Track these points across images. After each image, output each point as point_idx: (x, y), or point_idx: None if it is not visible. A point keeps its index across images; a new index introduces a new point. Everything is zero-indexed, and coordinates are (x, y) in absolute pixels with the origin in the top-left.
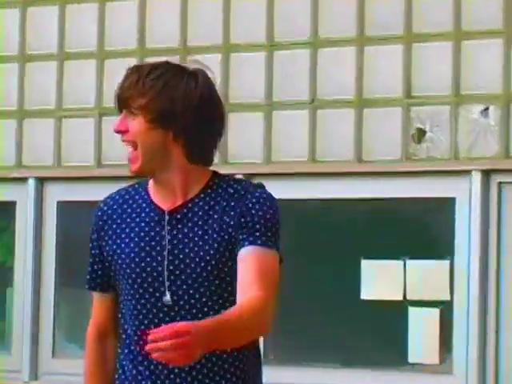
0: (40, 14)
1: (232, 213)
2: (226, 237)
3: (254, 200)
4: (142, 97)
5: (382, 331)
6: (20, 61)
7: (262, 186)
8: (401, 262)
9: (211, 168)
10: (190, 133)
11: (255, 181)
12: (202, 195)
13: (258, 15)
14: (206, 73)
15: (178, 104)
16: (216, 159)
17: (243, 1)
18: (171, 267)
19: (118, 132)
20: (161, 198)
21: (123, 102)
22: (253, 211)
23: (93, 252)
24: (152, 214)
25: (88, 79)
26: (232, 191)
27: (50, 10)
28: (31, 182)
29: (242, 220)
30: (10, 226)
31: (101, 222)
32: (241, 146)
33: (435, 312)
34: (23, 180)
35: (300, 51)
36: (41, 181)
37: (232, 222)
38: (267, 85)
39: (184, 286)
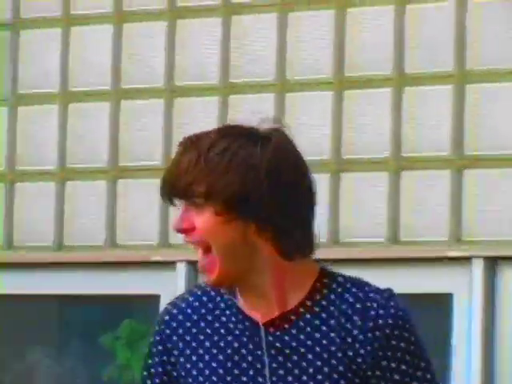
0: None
1: (361, 337)
2: (354, 367)
3: (389, 327)
4: (206, 180)
5: None
6: (168, 97)
7: (391, 293)
8: None
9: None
10: (279, 219)
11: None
12: (309, 303)
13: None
14: (284, 132)
15: (256, 183)
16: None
17: (422, 23)
18: None
19: (180, 232)
20: (251, 305)
21: (182, 191)
22: (398, 354)
23: (153, 371)
24: (240, 326)
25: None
26: (352, 300)
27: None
28: (189, 268)
29: (383, 364)
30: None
31: (168, 331)
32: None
33: None
34: (169, 265)
35: None
36: (193, 265)
37: (362, 351)
38: None
39: None
